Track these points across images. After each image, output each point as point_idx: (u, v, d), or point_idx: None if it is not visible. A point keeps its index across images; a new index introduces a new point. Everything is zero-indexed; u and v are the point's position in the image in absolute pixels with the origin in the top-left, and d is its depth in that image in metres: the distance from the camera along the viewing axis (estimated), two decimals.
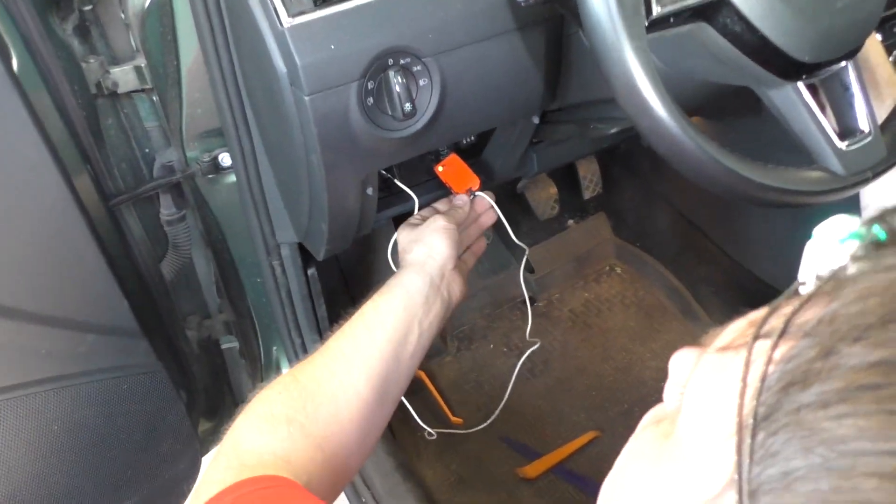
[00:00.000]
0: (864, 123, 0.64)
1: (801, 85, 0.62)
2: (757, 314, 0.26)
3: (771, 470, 0.21)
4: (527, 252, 1.11)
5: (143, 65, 0.90)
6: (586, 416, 1.26)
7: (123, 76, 0.89)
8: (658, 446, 0.29)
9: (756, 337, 0.25)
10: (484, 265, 1.47)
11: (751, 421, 0.22)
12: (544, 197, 1.43)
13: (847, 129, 0.65)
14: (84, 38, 0.87)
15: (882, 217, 0.24)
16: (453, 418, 1.27)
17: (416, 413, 1.22)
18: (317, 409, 0.65)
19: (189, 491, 0.96)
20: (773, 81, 0.61)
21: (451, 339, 1.41)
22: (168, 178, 0.93)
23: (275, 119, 0.75)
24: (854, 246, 0.24)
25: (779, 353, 0.23)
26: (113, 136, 0.93)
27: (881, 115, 0.68)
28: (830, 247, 0.24)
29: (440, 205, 0.94)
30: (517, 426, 1.26)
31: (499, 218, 0.98)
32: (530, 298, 1.46)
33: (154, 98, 0.94)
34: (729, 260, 1.30)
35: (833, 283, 0.23)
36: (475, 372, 1.36)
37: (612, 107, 0.80)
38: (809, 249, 0.35)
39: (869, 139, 0.64)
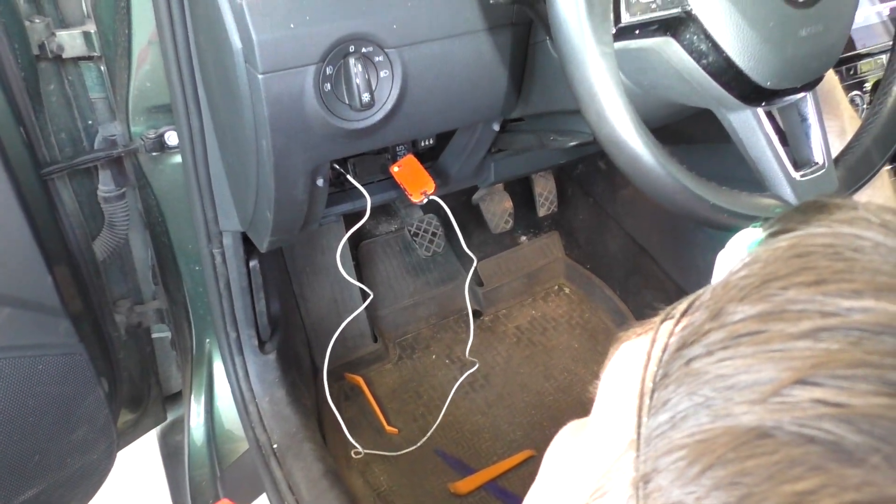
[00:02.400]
0: (818, 155, 0.65)
1: (760, 111, 0.62)
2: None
3: (661, 417, 0.23)
4: (475, 263, 1.10)
5: (92, 31, 0.86)
6: (523, 434, 1.25)
7: (70, 40, 0.85)
8: (576, 433, 0.32)
9: (664, 319, 0.27)
10: (433, 274, 1.45)
11: (650, 385, 0.24)
12: (499, 210, 1.42)
13: (802, 160, 0.66)
14: None
15: (782, 218, 0.27)
16: (388, 428, 1.24)
17: (352, 420, 1.19)
18: None
19: (100, 484, 0.90)
20: (733, 105, 0.61)
21: (392, 347, 1.39)
22: (108, 151, 0.89)
23: (226, 98, 0.72)
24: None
25: (680, 328, 0.25)
26: (54, 102, 0.89)
27: (839, 149, 0.68)
28: (739, 253, 0.27)
29: None
30: (453, 439, 1.23)
31: (451, 227, 0.96)
32: (476, 312, 1.45)
33: (102, 68, 0.90)
34: (675, 286, 1.31)
35: None
36: (415, 381, 1.33)
37: (572, 119, 0.79)
38: (721, 258, 0.37)
39: (822, 171, 0.64)
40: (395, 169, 0.90)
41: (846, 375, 0.20)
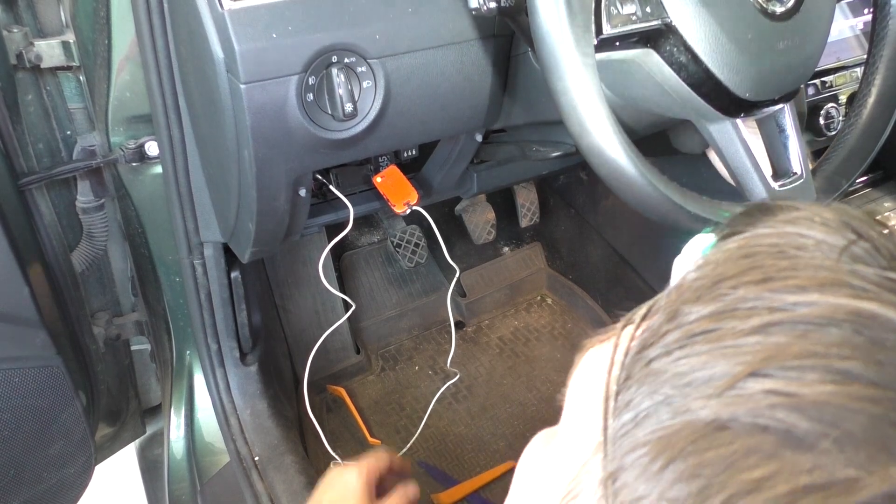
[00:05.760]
0: (796, 165, 0.66)
1: (739, 122, 0.63)
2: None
3: (625, 416, 0.24)
4: (458, 273, 1.10)
5: (71, 41, 0.85)
6: (506, 445, 1.24)
7: (49, 50, 0.84)
8: (547, 441, 0.33)
9: (625, 325, 0.28)
10: (415, 285, 1.44)
11: (614, 388, 0.25)
12: (482, 221, 1.43)
13: (781, 170, 0.66)
14: (9, 6, 0.82)
15: (731, 222, 0.28)
16: (371, 439, 1.23)
17: (334, 432, 1.18)
18: None
19: (77, 499, 0.89)
20: (713, 116, 0.62)
21: (375, 358, 1.38)
22: (87, 162, 0.88)
23: (208, 108, 0.72)
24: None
25: (640, 332, 0.26)
26: (32, 113, 0.88)
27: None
28: (694, 258, 0.27)
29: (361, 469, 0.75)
30: (435, 451, 1.23)
31: (434, 238, 0.96)
32: (459, 322, 1.45)
33: (81, 78, 0.89)
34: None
35: None
36: (398, 393, 1.33)
37: (554, 130, 0.80)
38: (678, 263, 0.38)
39: (801, 181, 0.65)
40: (377, 180, 0.90)
41: (795, 366, 0.21)
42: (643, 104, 0.66)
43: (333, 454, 1.15)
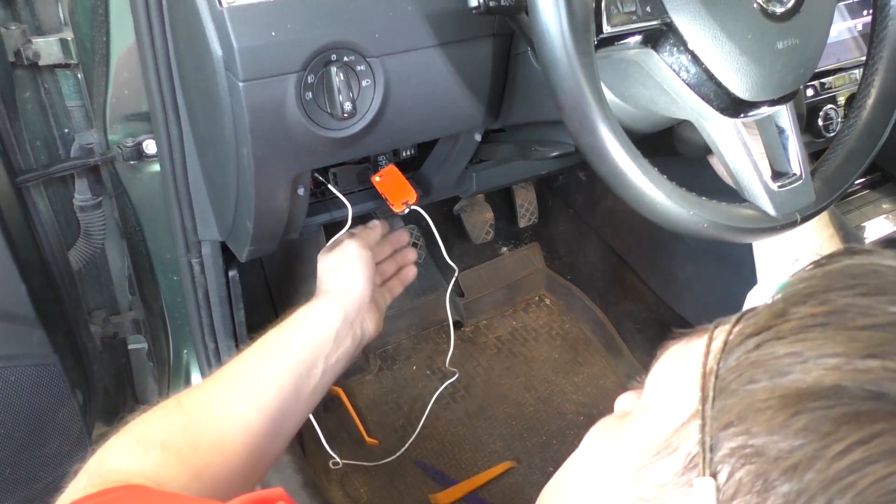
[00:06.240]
0: (795, 166, 0.66)
1: (739, 122, 0.63)
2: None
3: (733, 385, 0.28)
4: (457, 273, 1.10)
5: (69, 38, 0.85)
6: (504, 445, 1.24)
7: (47, 48, 0.84)
8: (615, 423, 0.35)
9: (716, 326, 0.31)
10: (413, 285, 1.44)
11: (714, 366, 0.29)
12: (480, 221, 1.43)
13: (780, 171, 0.66)
14: (7, 3, 0.82)
15: (819, 260, 0.31)
16: (369, 439, 1.23)
17: (332, 431, 1.18)
18: (198, 436, 0.60)
19: None
20: (712, 116, 0.62)
21: (373, 358, 1.38)
22: (85, 160, 0.87)
23: (206, 106, 0.71)
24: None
25: (737, 329, 0.30)
26: (29, 110, 0.88)
27: None
28: (769, 292, 0.31)
29: (355, 229, 0.91)
30: (433, 451, 1.23)
31: (433, 237, 0.96)
32: (457, 322, 1.45)
33: (79, 75, 0.89)
34: (655, 297, 1.32)
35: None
36: (395, 393, 1.32)
37: (553, 129, 0.80)
38: (752, 295, 0.43)
39: (799, 182, 0.65)
40: (376, 179, 0.90)
41: None
42: (643, 104, 0.66)
43: (331, 453, 1.15)
